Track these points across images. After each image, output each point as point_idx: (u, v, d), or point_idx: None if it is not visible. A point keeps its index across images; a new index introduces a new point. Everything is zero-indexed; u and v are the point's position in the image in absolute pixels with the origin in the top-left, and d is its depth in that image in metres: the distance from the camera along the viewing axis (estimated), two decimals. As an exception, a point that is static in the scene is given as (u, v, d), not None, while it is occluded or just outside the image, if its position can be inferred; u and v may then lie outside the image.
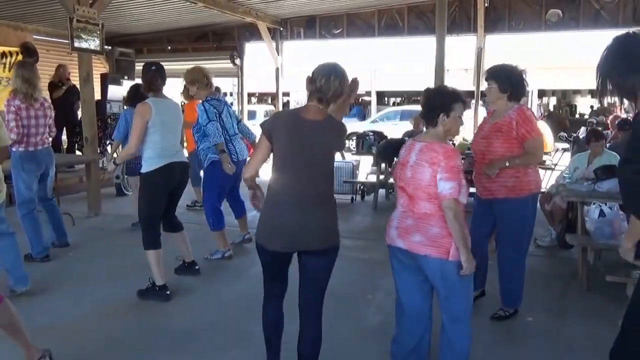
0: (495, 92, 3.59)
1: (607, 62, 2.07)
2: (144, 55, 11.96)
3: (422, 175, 2.59)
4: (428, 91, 2.79)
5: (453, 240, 2.56)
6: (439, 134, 2.68)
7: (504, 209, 3.62)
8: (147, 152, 4.01)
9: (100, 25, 6.60)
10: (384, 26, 10.86)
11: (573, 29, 9.75)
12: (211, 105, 4.74)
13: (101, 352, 3.23)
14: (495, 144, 3.58)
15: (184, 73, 4.89)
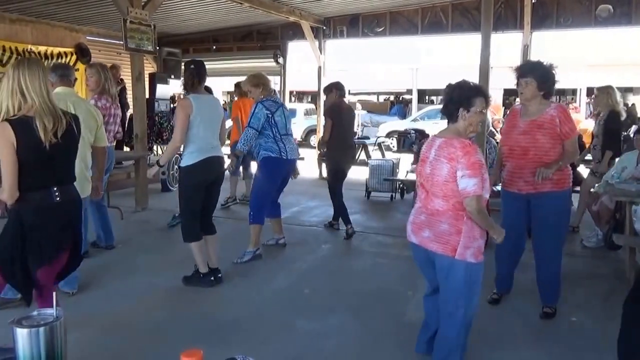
0: (533, 89, 3.55)
1: None
2: (190, 55, 12.19)
3: (440, 171, 2.60)
4: (448, 86, 2.79)
5: (462, 239, 2.58)
6: (459, 130, 2.68)
7: (549, 202, 3.61)
8: (188, 147, 4.13)
9: (152, 26, 6.82)
10: (427, 24, 10.74)
11: (625, 25, 9.39)
12: (264, 106, 4.85)
13: (147, 340, 3.35)
14: (541, 140, 3.57)
15: (249, 77, 5.07)
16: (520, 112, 3.72)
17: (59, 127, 2.44)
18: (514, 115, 3.80)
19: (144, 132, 7.17)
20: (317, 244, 5.68)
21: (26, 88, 2.42)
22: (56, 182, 2.52)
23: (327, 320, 3.69)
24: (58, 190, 2.51)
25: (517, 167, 3.67)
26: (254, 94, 5.02)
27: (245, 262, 4.90)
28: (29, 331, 1.08)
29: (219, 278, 4.36)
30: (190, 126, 4.05)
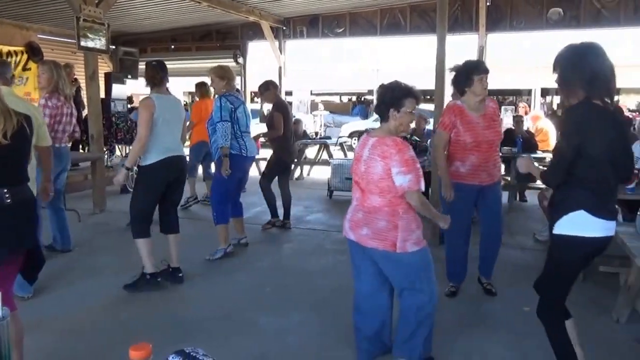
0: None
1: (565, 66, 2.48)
2: (147, 55, 12.06)
3: (375, 169, 2.66)
4: (381, 87, 2.86)
5: (400, 234, 2.64)
6: (391, 129, 2.75)
7: (499, 188, 4.03)
8: (148, 146, 4.07)
9: (106, 24, 6.70)
10: (386, 25, 10.92)
11: (574, 28, 9.76)
12: (228, 100, 4.83)
13: (105, 342, 3.31)
14: (499, 131, 3.92)
15: (216, 67, 5.03)
16: (466, 109, 3.86)
17: (9, 127, 2.35)
18: (461, 111, 3.89)
19: (100, 133, 7.04)
20: (280, 243, 5.71)
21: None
22: (6, 183, 2.42)
23: (289, 317, 3.72)
24: (9, 192, 2.42)
25: (484, 160, 3.86)
26: (216, 84, 4.97)
27: (216, 259, 4.96)
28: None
29: (180, 277, 4.33)
30: (152, 125, 4.02)
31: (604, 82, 2.40)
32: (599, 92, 2.40)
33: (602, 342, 3.34)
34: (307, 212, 7.19)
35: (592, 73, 2.38)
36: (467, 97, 3.85)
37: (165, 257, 4.39)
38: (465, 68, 3.81)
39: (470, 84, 3.77)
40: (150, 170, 4.10)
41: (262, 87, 6.11)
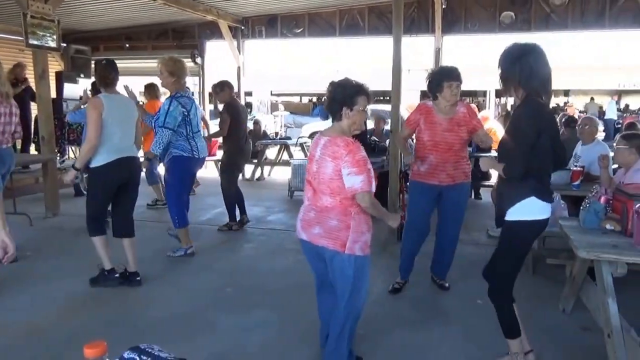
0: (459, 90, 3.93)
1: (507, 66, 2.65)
2: (100, 53, 11.77)
3: (326, 169, 2.63)
4: (331, 85, 2.79)
5: (351, 234, 2.64)
6: (344, 128, 2.71)
7: (460, 191, 4.08)
8: (98, 147, 3.99)
9: (56, 21, 6.49)
10: (345, 26, 11.00)
11: (525, 31, 10.08)
12: (180, 103, 4.68)
13: (63, 347, 3.26)
14: (462, 135, 3.98)
15: (167, 59, 4.79)
16: (434, 110, 4.00)
17: None
18: (428, 112, 4.03)
19: (51, 134, 6.84)
20: (240, 244, 5.71)
21: None
22: None
23: (250, 317, 3.74)
24: None
25: (442, 160, 3.99)
26: (164, 79, 4.75)
27: (177, 256, 5.01)
28: None
29: (137, 281, 4.29)
30: (101, 126, 3.94)
31: (541, 81, 2.61)
32: (537, 89, 2.60)
33: (550, 331, 3.51)
34: (268, 212, 7.20)
35: (531, 71, 2.58)
36: (438, 101, 3.98)
37: (123, 262, 4.34)
38: (438, 74, 3.95)
39: (441, 90, 3.90)
40: (100, 171, 4.03)
41: (217, 86, 6.07)
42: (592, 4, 9.35)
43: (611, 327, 2.72)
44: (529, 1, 9.69)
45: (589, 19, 9.40)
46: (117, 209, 4.29)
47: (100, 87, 4.15)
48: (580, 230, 3.15)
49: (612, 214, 3.15)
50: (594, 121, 5.48)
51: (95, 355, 1.06)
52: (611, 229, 3.04)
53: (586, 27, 9.58)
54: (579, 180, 4.65)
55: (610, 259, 2.74)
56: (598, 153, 4.64)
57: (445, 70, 3.98)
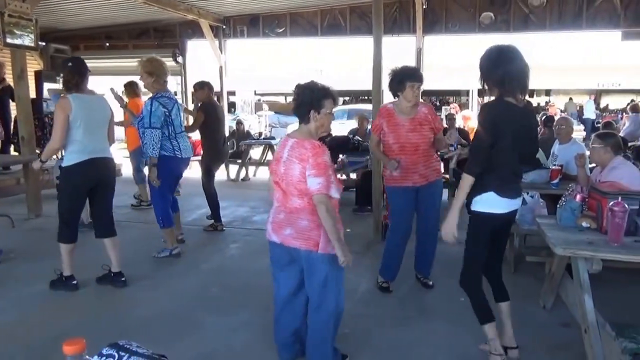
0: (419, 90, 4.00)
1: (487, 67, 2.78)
2: (80, 52, 11.63)
3: (293, 172, 2.65)
4: (298, 87, 2.79)
5: (323, 234, 2.64)
6: (311, 131, 2.73)
7: (435, 189, 4.15)
8: (68, 147, 3.97)
9: (34, 20, 6.42)
10: (326, 26, 11.04)
11: (504, 32, 10.22)
12: (160, 103, 4.68)
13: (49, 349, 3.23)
14: (426, 135, 4.02)
15: (145, 60, 4.78)
16: (395, 111, 4.05)
17: None
18: (390, 114, 4.08)
19: (31, 134, 6.76)
20: (226, 244, 5.72)
21: None
22: None
23: (236, 317, 3.76)
24: None
25: (412, 162, 4.03)
26: (144, 80, 4.77)
27: (161, 257, 5.02)
28: None
29: (122, 282, 4.29)
30: (70, 127, 3.89)
31: (516, 81, 2.72)
32: (512, 90, 2.73)
33: (530, 327, 3.59)
34: (254, 212, 7.22)
35: (505, 73, 2.70)
36: (399, 101, 4.03)
37: (106, 262, 4.34)
38: (401, 73, 3.96)
39: (402, 89, 3.93)
40: (70, 171, 3.99)
41: (197, 85, 6.09)
42: (569, 5, 9.52)
43: (587, 323, 2.81)
44: (508, 2, 9.82)
45: (566, 19, 9.58)
46: (95, 210, 4.26)
47: (70, 88, 3.99)
48: (557, 227, 3.23)
49: (587, 212, 3.25)
50: (569, 121, 5.61)
51: (74, 352, 1.06)
52: (587, 227, 3.13)
53: (564, 27, 9.75)
54: (558, 179, 4.75)
55: (586, 256, 2.82)
56: (575, 152, 4.75)
57: (409, 70, 4.01)
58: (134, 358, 1.10)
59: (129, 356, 1.11)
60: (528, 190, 4.59)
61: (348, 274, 4.51)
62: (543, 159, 5.38)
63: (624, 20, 9.25)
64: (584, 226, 3.13)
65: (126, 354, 1.11)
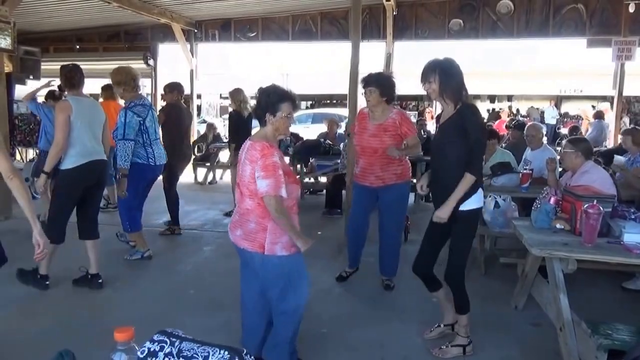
0: (376, 96, 4.09)
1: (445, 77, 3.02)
2: (50, 55, 11.44)
3: (245, 173, 2.69)
4: (258, 91, 2.84)
5: (268, 236, 2.67)
6: (267, 134, 2.75)
7: (393, 192, 4.27)
8: (67, 150, 4.00)
9: (12, 23, 6.37)
10: (297, 31, 11.11)
11: (473, 38, 10.48)
12: (135, 113, 4.63)
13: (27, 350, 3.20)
14: (387, 141, 4.15)
15: (110, 72, 4.80)
16: (369, 116, 4.25)
17: None
18: (363, 118, 4.33)
19: (6, 136, 6.62)
20: (199, 247, 5.70)
21: None
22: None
23: (215, 318, 3.77)
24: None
25: (369, 164, 4.25)
26: (116, 91, 4.88)
27: (133, 259, 5.01)
28: None
29: (99, 283, 4.27)
30: (70, 128, 3.93)
31: (465, 89, 3.05)
32: (465, 96, 3.04)
33: (503, 327, 3.70)
34: (224, 215, 7.19)
35: (461, 81, 3.03)
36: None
37: (84, 264, 4.29)
38: (362, 80, 4.20)
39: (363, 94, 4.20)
40: (69, 174, 4.02)
41: (167, 88, 6.09)
42: (536, 13, 9.82)
43: (563, 321, 2.92)
44: (476, 9, 10.07)
45: (533, 27, 9.88)
46: (84, 212, 4.24)
47: (66, 89, 4.15)
48: (532, 229, 3.34)
49: (561, 214, 3.37)
50: (538, 128, 5.78)
51: (124, 339, 1.11)
52: (561, 228, 3.25)
53: (531, 35, 10.07)
54: (528, 183, 4.90)
55: (561, 256, 2.94)
56: (546, 157, 4.91)
57: (364, 77, 4.21)
58: (185, 343, 1.13)
59: (180, 342, 1.13)
60: (499, 193, 4.73)
61: (322, 275, 4.66)
62: (514, 163, 5.53)
63: (590, 29, 9.59)
64: (558, 228, 3.25)
65: (177, 339, 1.14)
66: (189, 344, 1.13)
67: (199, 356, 1.10)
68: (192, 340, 1.15)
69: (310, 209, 7.57)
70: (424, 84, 3.08)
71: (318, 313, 3.91)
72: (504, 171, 5.12)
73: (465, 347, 3.25)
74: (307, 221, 6.59)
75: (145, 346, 1.14)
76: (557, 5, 9.68)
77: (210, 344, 1.13)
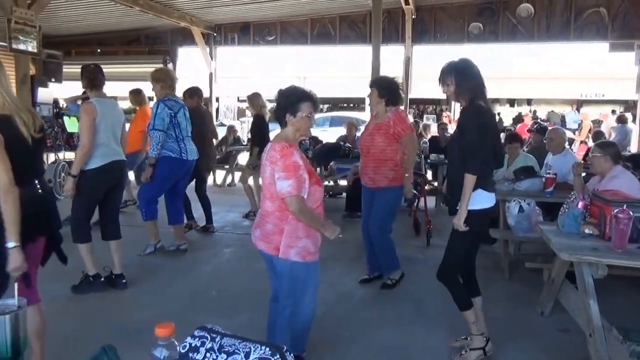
0: (375, 97, 4.24)
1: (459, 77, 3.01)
2: (72, 58, 11.61)
3: (265, 174, 2.70)
4: (277, 92, 2.84)
5: (284, 239, 2.66)
6: (288, 135, 2.75)
7: (381, 194, 4.32)
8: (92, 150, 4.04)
9: (37, 27, 6.50)
10: (316, 34, 11.13)
11: (492, 42, 10.43)
12: (166, 105, 4.85)
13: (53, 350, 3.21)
14: (377, 140, 4.24)
15: (152, 71, 5.06)
16: (374, 117, 4.39)
17: (37, 123, 2.48)
18: (370, 119, 4.48)
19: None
20: (220, 248, 5.73)
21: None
22: (36, 176, 2.55)
23: (237, 318, 3.77)
24: (39, 183, 2.54)
25: (364, 164, 4.38)
26: (154, 88, 5.02)
27: (147, 254, 5.07)
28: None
29: (123, 284, 4.31)
30: (95, 130, 3.99)
31: (484, 88, 3.03)
32: (483, 96, 3.02)
33: (529, 333, 3.64)
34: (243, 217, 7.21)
35: (479, 81, 3.01)
36: None
37: (108, 264, 4.33)
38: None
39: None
40: (92, 175, 4.06)
41: (187, 93, 6.17)
42: (557, 17, 9.72)
43: (593, 327, 2.86)
44: (496, 13, 10.00)
45: (554, 31, 9.77)
46: (106, 212, 4.29)
47: (88, 90, 4.20)
48: (560, 234, 3.29)
49: (590, 219, 3.32)
50: (559, 132, 5.66)
51: (165, 335, 1.14)
52: (589, 233, 3.19)
53: (551, 38, 9.96)
54: (552, 187, 4.83)
55: (591, 261, 2.88)
56: (568, 162, 4.84)
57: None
58: (226, 339, 1.13)
59: (221, 337, 1.14)
60: (524, 198, 4.67)
61: (343, 278, 4.64)
62: (537, 168, 5.46)
63: (612, 32, 9.46)
64: (587, 233, 3.20)
65: (217, 335, 1.14)
66: (229, 340, 1.13)
67: (241, 352, 1.10)
68: (232, 336, 1.14)
69: (331, 211, 7.54)
70: (442, 87, 3.09)
71: (340, 316, 3.91)
72: (527, 175, 5.06)
73: (484, 348, 3.18)
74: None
75: (187, 341, 1.14)
76: (579, 9, 9.57)
77: (251, 340, 1.12)
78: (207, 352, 1.12)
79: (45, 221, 2.59)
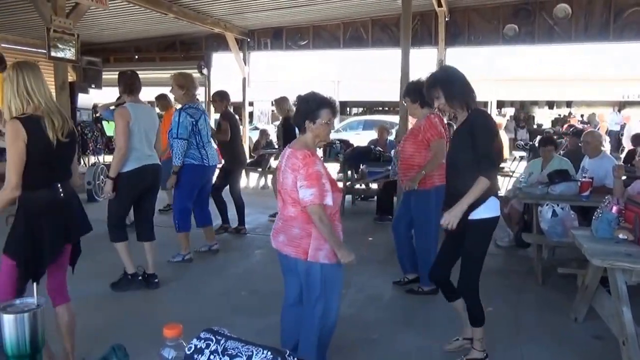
0: (409, 104, 4.32)
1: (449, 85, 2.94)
2: (110, 64, 11.94)
3: (287, 181, 2.67)
4: (297, 98, 2.83)
5: (312, 242, 2.64)
6: (307, 141, 2.74)
7: (413, 199, 4.34)
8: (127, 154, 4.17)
9: (75, 35, 6.71)
10: (348, 38, 11.15)
11: (529, 44, 10.23)
12: (187, 114, 4.88)
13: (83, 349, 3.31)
14: (406, 145, 4.28)
15: (176, 74, 5.04)
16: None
17: (65, 127, 2.54)
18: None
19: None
20: (251, 250, 5.81)
21: (32, 89, 2.49)
22: (58, 179, 2.61)
23: (268, 319, 3.79)
24: (61, 187, 2.60)
25: (400, 167, 4.44)
26: (175, 92, 5.03)
27: (175, 262, 5.12)
28: (15, 317, 1.14)
29: (155, 283, 4.42)
30: (129, 134, 4.12)
31: (473, 91, 2.97)
32: (474, 97, 2.99)
33: (563, 340, 3.56)
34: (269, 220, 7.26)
35: (464, 85, 2.95)
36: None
37: (142, 264, 4.46)
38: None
39: None
40: (127, 178, 4.19)
41: (218, 96, 6.25)
42: (596, 17, 9.45)
43: (626, 334, 2.79)
44: (532, 14, 9.80)
45: (592, 31, 9.51)
46: (141, 214, 4.45)
47: (124, 95, 4.34)
48: (593, 239, 3.22)
49: (624, 224, 3.23)
50: (595, 135, 5.53)
51: (172, 335, 1.15)
52: (624, 239, 3.11)
53: (590, 39, 9.69)
54: (588, 191, 4.72)
55: (624, 267, 2.81)
56: (605, 165, 4.71)
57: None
58: (230, 342, 1.15)
59: (225, 340, 1.16)
60: (558, 202, 4.58)
61: (373, 280, 4.64)
62: (572, 171, 5.34)
63: (653, 32, 9.17)
64: (621, 238, 3.12)
65: (222, 337, 1.16)
66: (233, 343, 1.15)
67: (243, 355, 1.12)
68: (237, 339, 1.16)
69: (362, 214, 7.56)
70: (433, 102, 3.04)
71: (368, 319, 3.91)
72: (562, 179, 4.95)
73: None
74: (358, 227, 6.65)
75: (192, 343, 1.16)
76: (619, 8, 9.29)
77: (255, 344, 1.14)
78: (210, 355, 1.13)
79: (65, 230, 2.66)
